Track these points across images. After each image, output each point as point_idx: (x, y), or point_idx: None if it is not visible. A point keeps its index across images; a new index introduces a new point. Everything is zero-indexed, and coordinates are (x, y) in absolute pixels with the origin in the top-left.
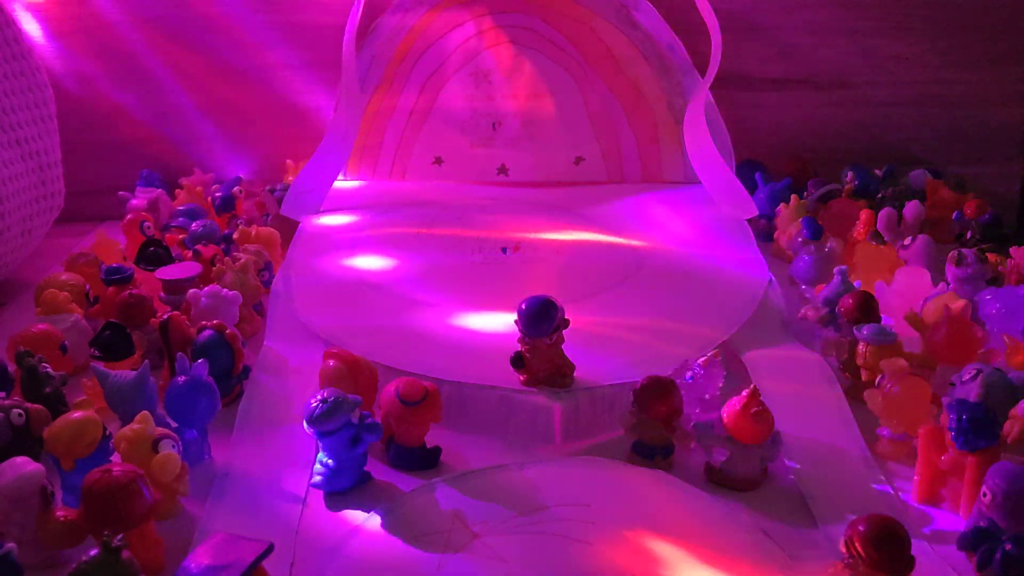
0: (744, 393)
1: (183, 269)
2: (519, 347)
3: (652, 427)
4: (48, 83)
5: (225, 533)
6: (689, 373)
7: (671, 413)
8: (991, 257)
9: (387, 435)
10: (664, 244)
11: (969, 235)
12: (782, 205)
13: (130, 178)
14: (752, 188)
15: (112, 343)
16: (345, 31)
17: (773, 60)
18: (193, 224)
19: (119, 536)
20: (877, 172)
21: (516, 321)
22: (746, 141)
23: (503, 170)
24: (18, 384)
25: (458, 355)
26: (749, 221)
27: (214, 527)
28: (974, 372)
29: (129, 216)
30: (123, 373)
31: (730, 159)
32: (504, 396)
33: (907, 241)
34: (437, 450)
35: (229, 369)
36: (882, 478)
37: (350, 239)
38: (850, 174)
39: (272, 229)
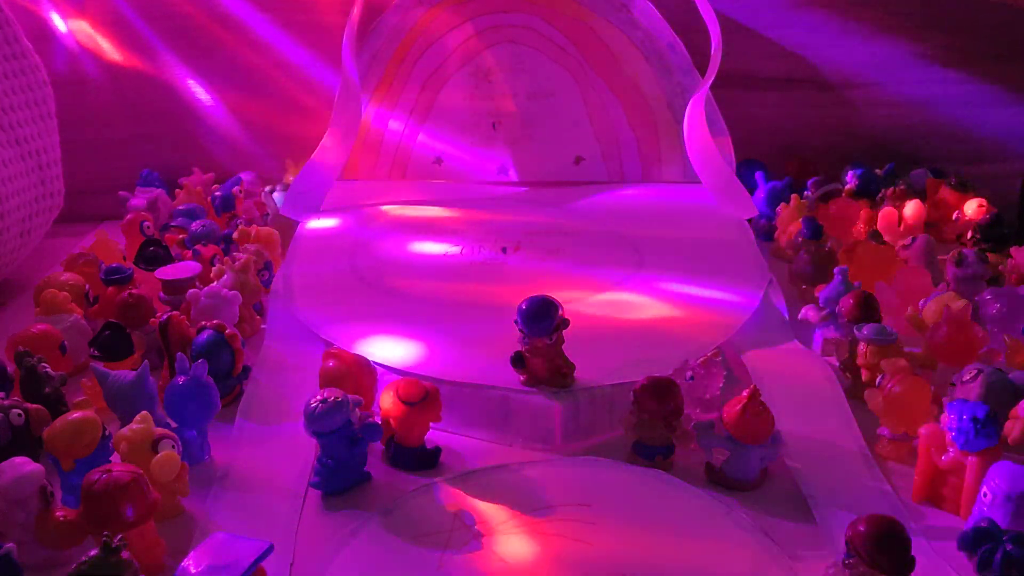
0: (744, 393)
1: (183, 269)
2: (519, 347)
3: (652, 427)
4: (47, 82)
5: (225, 533)
6: (689, 373)
7: (671, 413)
8: (991, 257)
9: (387, 435)
10: (664, 244)
11: (970, 235)
12: (782, 205)
13: (130, 178)
14: (752, 188)
15: (112, 343)
16: (345, 31)
17: (774, 60)
18: (193, 224)
19: (119, 536)
20: (877, 172)
21: (516, 321)
22: (746, 141)
23: (503, 170)
24: (18, 384)
25: (458, 355)
26: (749, 221)
27: (214, 527)
28: (974, 372)
29: (129, 216)
30: (123, 373)
31: (730, 159)
32: (504, 396)
33: (907, 241)
34: (437, 450)
35: (229, 369)
36: (882, 478)
37: (350, 239)
38: (850, 174)
39: (272, 229)
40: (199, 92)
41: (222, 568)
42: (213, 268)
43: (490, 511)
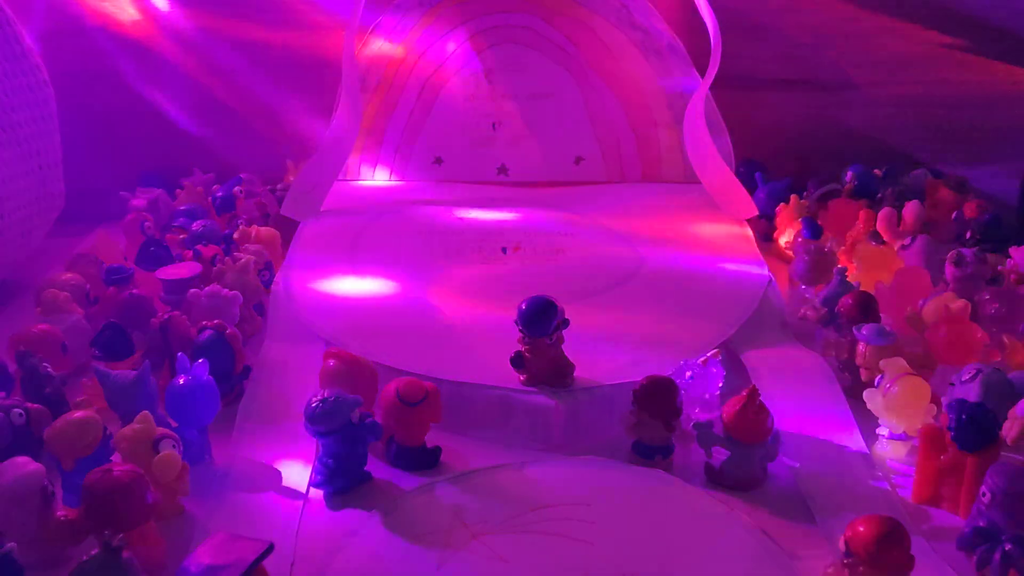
0: (744, 393)
1: (183, 269)
2: (519, 347)
3: (652, 427)
4: (48, 82)
5: (225, 533)
6: (689, 373)
7: (671, 413)
8: (991, 257)
9: (387, 435)
10: (664, 244)
11: (969, 235)
12: (782, 205)
13: (130, 178)
14: (752, 188)
15: (112, 343)
16: (345, 31)
17: (773, 60)
18: (193, 224)
19: (119, 536)
20: (877, 172)
21: (516, 321)
22: (746, 141)
23: (503, 170)
24: (18, 384)
25: (458, 355)
26: (749, 221)
27: (214, 527)
28: (974, 372)
29: (130, 216)
30: (123, 373)
31: (730, 159)
32: (504, 396)
33: (907, 241)
34: (437, 450)
35: (229, 369)
36: (882, 478)
37: (350, 239)
38: (850, 174)
39: (272, 229)
40: (198, 92)
41: (222, 568)
42: (214, 268)
43: (490, 511)
